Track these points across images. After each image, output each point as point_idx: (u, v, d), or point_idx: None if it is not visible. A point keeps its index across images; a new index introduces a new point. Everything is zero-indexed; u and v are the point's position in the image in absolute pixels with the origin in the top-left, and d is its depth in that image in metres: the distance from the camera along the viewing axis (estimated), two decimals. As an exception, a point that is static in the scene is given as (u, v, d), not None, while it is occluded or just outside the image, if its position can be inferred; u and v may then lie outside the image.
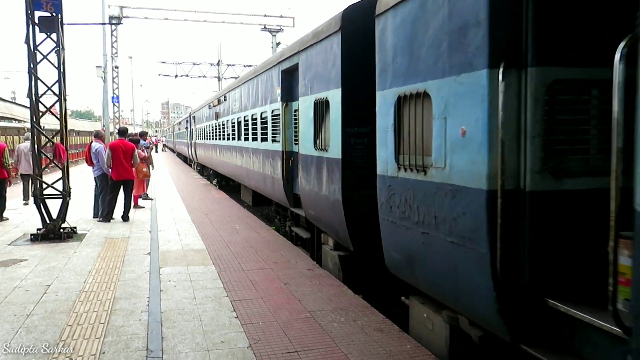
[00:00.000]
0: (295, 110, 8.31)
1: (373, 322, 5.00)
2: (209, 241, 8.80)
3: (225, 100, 15.96)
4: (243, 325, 4.88)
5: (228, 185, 19.88)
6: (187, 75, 42.64)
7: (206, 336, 4.61)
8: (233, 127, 14.14)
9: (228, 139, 15.21)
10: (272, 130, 9.64)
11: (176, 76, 42.46)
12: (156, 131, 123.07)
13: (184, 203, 13.87)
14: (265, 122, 10.09)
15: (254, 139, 11.19)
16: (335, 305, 5.48)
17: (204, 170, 25.94)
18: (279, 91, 9.01)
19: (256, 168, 11.04)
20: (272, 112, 9.62)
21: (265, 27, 37.49)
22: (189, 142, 30.85)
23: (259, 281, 6.38)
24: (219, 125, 17.00)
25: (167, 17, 35.25)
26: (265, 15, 37.35)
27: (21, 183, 13.96)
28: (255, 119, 11.04)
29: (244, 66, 41.87)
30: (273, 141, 9.52)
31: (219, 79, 42.77)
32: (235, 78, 35.70)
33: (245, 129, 12.36)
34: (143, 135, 15.99)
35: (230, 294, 5.87)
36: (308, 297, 5.77)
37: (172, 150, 55.06)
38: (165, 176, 23.07)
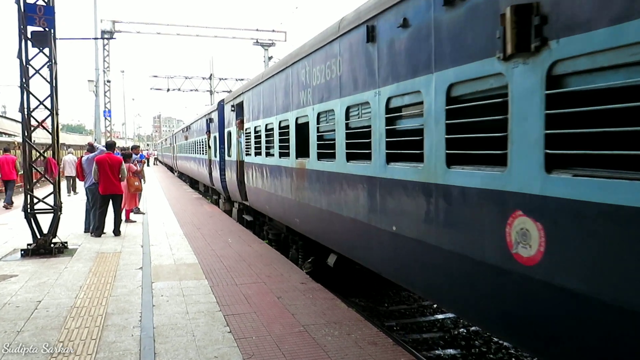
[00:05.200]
0: None
1: (367, 336, 5.00)
2: (201, 255, 8.76)
3: None
4: (236, 339, 4.87)
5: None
6: (179, 89, 42.72)
7: (199, 351, 4.58)
8: None
9: None
10: None
11: (168, 90, 42.53)
12: (147, 145, 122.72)
13: (176, 217, 13.82)
14: None
15: None
16: (329, 319, 5.47)
17: (259, 226, 12.19)
18: None
19: None
20: None
21: (257, 42, 37.82)
22: (215, 160, 16.40)
23: (252, 295, 6.37)
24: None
25: (160, 32, 35.52)
26: (257, 30, 37.73)
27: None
28: None
29: (236, 80, 42.07)
30: None
31: (211, 92, 42.90)
32: (228, 92, 35.57)
33: None
34: (135, 148, 16.03)
35: (224, 308, 5.84)
36: (302, 310, 5.76)
37: (172, 170, 42.76)
38: (157, 189, 22.97)
